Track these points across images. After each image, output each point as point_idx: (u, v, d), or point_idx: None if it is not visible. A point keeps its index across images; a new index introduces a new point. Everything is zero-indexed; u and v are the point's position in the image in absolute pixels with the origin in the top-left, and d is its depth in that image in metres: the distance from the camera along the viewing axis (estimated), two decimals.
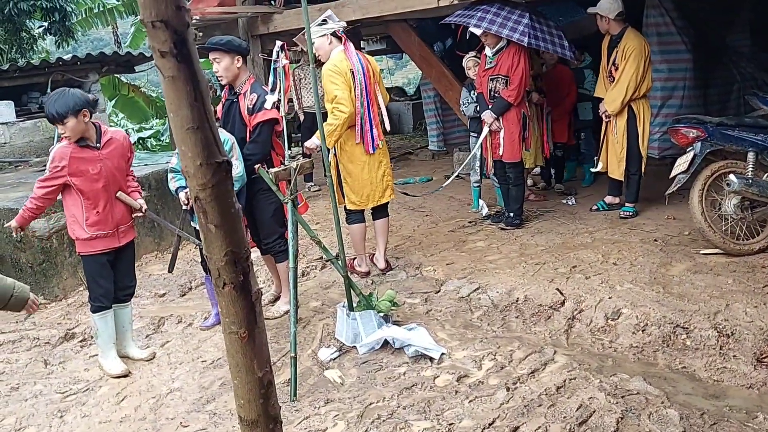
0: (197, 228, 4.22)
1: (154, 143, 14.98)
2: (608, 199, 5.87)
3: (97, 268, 3.76)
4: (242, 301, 1.39)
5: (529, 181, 6.62)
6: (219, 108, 4.34)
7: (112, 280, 3.82)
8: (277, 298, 4.61)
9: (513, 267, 4.73)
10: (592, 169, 6.08)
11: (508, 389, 3.19)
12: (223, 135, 3.95)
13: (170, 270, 4.28)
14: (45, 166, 6.46)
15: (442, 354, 3.59)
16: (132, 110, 14.64)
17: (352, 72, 4.38)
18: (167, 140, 14.32)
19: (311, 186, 7.81)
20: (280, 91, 3.87)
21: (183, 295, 5.23)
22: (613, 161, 5.61)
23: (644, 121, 5.45)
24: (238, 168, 3.98)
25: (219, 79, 4.25)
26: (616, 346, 3.72)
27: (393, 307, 3.99)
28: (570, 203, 6.22)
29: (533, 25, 5.22)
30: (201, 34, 7.29)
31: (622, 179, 5.64)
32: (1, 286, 2.59)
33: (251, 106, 4.07)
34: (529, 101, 5.63)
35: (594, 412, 2.95)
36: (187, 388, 3.53)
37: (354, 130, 4.47)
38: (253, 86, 4.13)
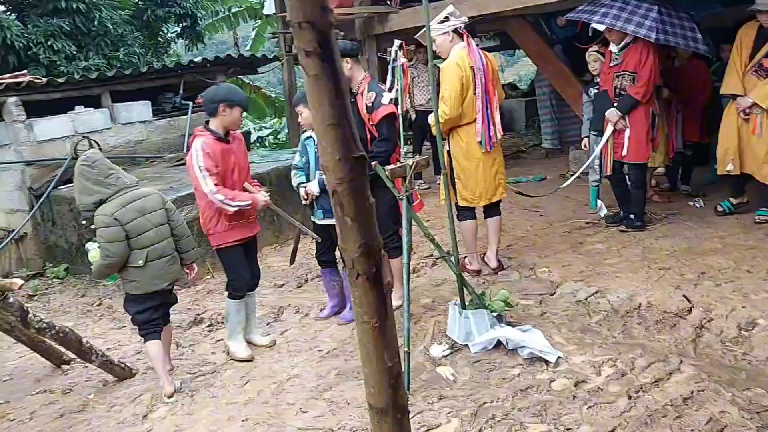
0: (315, 222, 4.38)
1: (272, 141, 15.68)
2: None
3: (237, 258, 3.97)
4: (374, 292, 1.42)
5: (652, 181, 6.28)
6: None
7: (248, 269, 4.03)
8: None
9: (635, 271, 4.52)
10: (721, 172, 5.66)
11: (629, 397, 3.06)
12: None
13: (291, 262, 4.46)
14: (179, 161, 6.92)
15: (559, 357, 3.50)
16: (252, 108, 15.40)
17: (473, 69, 4.35)
18: (284, 138, 14.94)
19: (421, 183, 7.86)
20: (398, 90, 3.91)
21: (300, 287, 5.44)
22: (752, 161, 5.16)
23: None
24: None
25: None
26: (750, 359, 3.46)
27: (506, 308, 3.94)
28: (698, 206, 5.85)
29: (662, 19, 4.94)
30: (342, 33, 7.50)
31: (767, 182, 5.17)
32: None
33: (370, 104, 4.12)
34: (659, 97, 5.34)
35: (726, 427, 2.77)
36: (305, 375, 3.67)
37: (471, 127, 4.45)
38: (369, 85, 4.19)
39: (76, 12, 9.12)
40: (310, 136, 4.28)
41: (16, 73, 6.95)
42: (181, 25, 11.17)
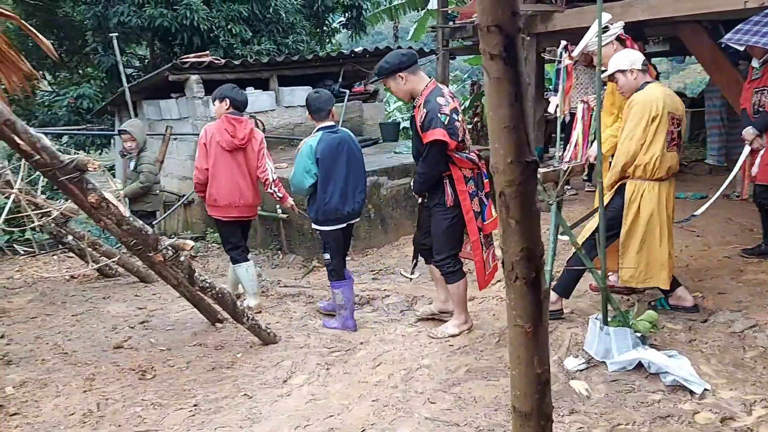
0: None
1: None
2: None
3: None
4: (531, 297, 1.43)
5: None
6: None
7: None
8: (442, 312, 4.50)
9: None
10: None
11: None
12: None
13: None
14: None
15: (705, 389, 3.28)
16: (399, 98, 15.67)
17: None
18: None
19: (568, 189, 7.62)
20: (562, 92, 3.82)
21: (432, 280, 5.50)
22: None
23: None
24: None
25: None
26: None
27: (652, 329, 3.75)
28: None
29: None
30: (528, 38, 7.46)
31: None
32: None
33: (421, 123, 3.83)
34: None
35: None
36: (435, 367, 3.73)
37: None
38: (427, 98, 3.82)
39: None
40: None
41: (199, 54, 7.64)
42: (346, 15, 11.64)
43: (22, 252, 6.81)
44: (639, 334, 3.64)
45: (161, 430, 3.12)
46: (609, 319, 3.70)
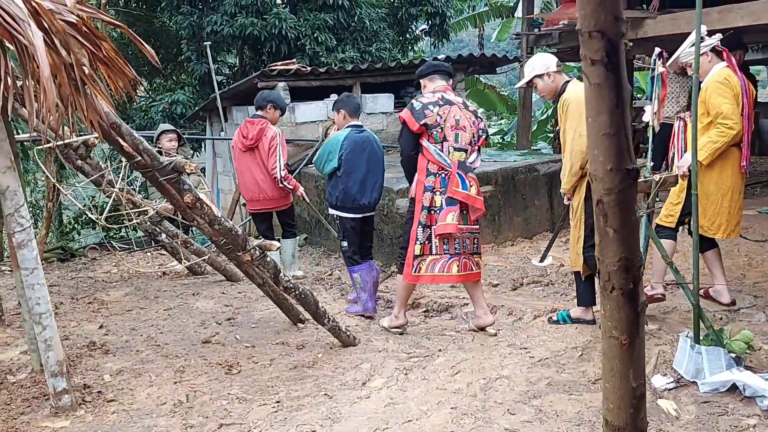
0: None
1: (496, 140, 15.73)
2: None
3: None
4: (628, 308, 1.40)
5: None
6: None
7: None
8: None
9: None
10: None
11: None
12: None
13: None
14: None
15: None
16: (481, 103, 15.62)
17: (741, 89, 4.01)
18: (509, 139, 14.90)
19: (657, 201, 7.32)
20: (657, 100, 3.72)
21: (514, 290, 5.45)
22: None
23: None
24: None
25: None
26: None
27: (747, 350, 3.55)
28: None
29: None
30: (631, 44, 7.32)
31: None
32: None
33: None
34: None
35: None
36: (514, 378, 3.67)
37: (730, 151, 4.12)
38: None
39: (340, 8, 10.05)
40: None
41: (287, 61, 7.88)
42: (429, 23, 11.70)
43: (118, 248, 7.22)
44: (734, 355, 3.46)
45: (246, 424, 3.23)
46: (701, 338, 3.54)
